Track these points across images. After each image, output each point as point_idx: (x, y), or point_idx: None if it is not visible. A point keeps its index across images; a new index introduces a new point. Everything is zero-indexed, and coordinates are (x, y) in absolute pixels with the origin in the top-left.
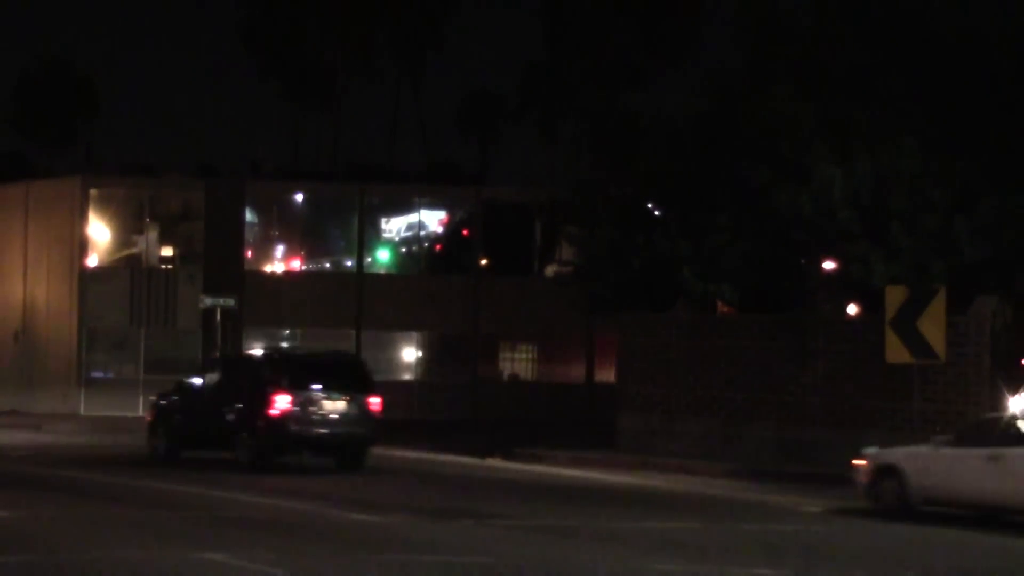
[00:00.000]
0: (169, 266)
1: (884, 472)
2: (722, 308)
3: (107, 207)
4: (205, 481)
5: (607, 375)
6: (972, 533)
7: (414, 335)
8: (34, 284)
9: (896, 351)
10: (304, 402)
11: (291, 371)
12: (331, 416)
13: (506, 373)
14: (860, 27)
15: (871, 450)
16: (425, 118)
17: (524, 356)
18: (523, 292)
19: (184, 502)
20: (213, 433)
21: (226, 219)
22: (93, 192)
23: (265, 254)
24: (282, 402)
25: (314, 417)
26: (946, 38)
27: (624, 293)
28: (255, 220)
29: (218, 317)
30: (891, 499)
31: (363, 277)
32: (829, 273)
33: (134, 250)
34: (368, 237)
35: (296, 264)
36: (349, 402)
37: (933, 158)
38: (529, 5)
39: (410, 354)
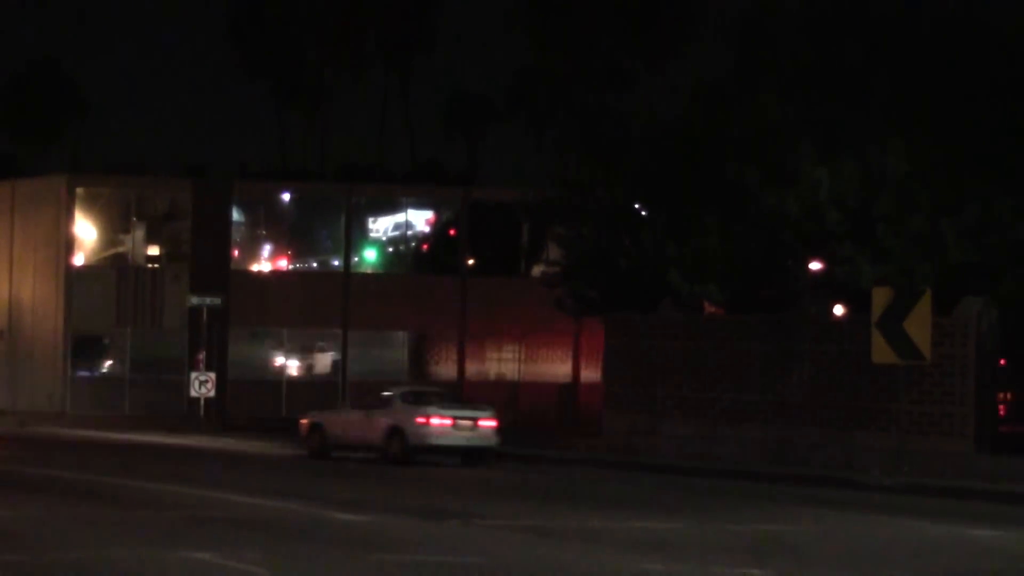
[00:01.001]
0: (155, 265)
1: (314, 428)
2: (709, 309)
3: (93, 206)
4: (181, 479)
5: (594, 375)
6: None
7: (400, 335)
8: (19, 283)
9: (882, 352)
10: None
11: None
12: None
13: (493, 373)
14: (847, 30)
15: (311, 413)
16: (412, 119)
17: (511, 356)
18: (510, 292)
19: (164, 501)
20: None
21: (213, 218)
22: (79, 191)
23: (252, 253)
24: None
25: None
26: (933, 41)
27: (611, 293)
28: (242, 219)
29: (204, 316)
30: (317, 445)
31: (350, 277)
32: (816, 274)
33: (120, 249)
34: (355, 237)
35: (283, 264)
36: None
37: (919, 160)
38: (517, 7)
39: (396, 354)
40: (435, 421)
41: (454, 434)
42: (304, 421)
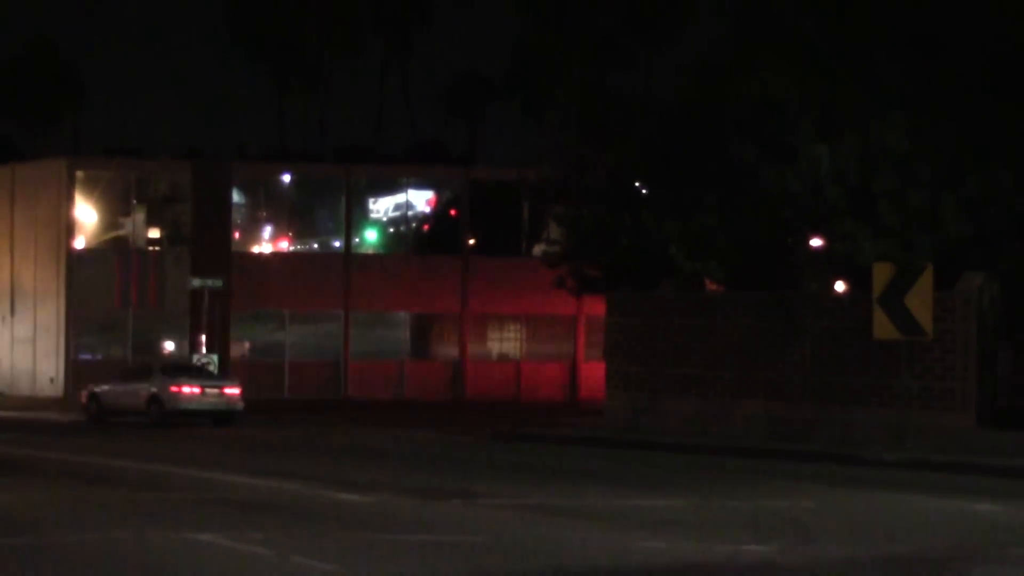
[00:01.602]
0: (156, 248)
1: (93, 397)
2: (710, 286)
3: (93, 189)
4: (187, 461)
5: (595, 353)
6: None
7: (402, 315)
8: (20, 267)
9: (884, 327)
10: None
11: None
12: None
13: (495, 352)
14: (847, 4)
15: (90, 385)
16: (412, 99)
17: (512, 335)
18: (511, 272)
19: (168, 483)
20: None
21: (213, 200)
22: (79, 174)
23: (252, 235)
24: None
25: None
26: (933, 15)
27: (612, 272)
28: (242, 201)
29: (206, 298)
30: (95, 411)
31: (350, 257)
32: (816, 251)
33: (121, 232)
34: (355, 217)
35: (283, 245)
36: None
37: (920, 135)
38: None
39: (398, 334)
40: (186, 389)
41: (202, 400)
42: (84, 392)
